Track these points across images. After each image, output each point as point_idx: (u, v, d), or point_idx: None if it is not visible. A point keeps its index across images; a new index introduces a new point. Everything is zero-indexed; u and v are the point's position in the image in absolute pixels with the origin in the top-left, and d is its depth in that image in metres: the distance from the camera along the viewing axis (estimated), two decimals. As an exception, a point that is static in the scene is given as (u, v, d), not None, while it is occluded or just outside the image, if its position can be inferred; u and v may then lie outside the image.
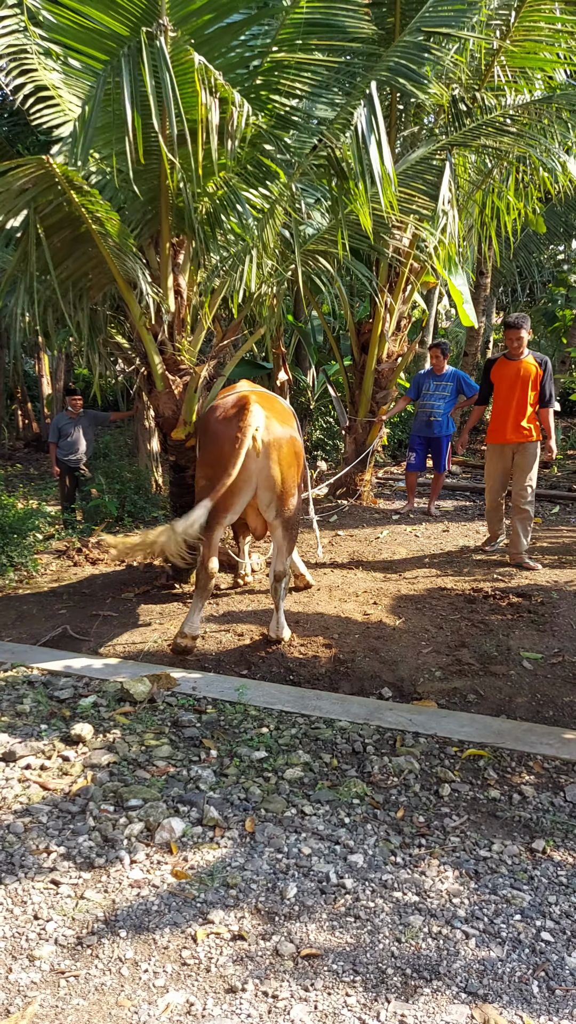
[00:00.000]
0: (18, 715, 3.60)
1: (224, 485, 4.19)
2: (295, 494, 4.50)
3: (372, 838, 2.68)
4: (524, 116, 5.72)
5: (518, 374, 5.83)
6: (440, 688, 4.10)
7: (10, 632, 4.99)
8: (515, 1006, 1.98)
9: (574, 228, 13.83)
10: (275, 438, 4.34)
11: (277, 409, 4.59)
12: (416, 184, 5.84)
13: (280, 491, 4.40)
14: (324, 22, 4.64)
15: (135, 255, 4.80)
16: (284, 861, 2.54)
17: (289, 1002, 1.98)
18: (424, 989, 2.03)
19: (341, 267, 6.48)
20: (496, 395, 5.99)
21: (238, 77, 4.71)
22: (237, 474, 4.19)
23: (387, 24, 6.31)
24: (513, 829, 2.77)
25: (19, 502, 7.77)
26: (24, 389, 17.56)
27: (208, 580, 4.50)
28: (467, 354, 13.56)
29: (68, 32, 4.32)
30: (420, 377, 8.07)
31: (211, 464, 4.38)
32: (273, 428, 4.35)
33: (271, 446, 4.32)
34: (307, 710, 3.67)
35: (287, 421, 4.57)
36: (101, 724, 3.51)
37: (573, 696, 3.95)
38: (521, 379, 5.82)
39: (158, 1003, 1.98)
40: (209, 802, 2.86)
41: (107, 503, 8.34)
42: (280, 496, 4.41)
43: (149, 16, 4.08)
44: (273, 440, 4.33)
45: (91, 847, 2.61)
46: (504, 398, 5.90)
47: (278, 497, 4.40)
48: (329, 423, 12.52)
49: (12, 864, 2.52)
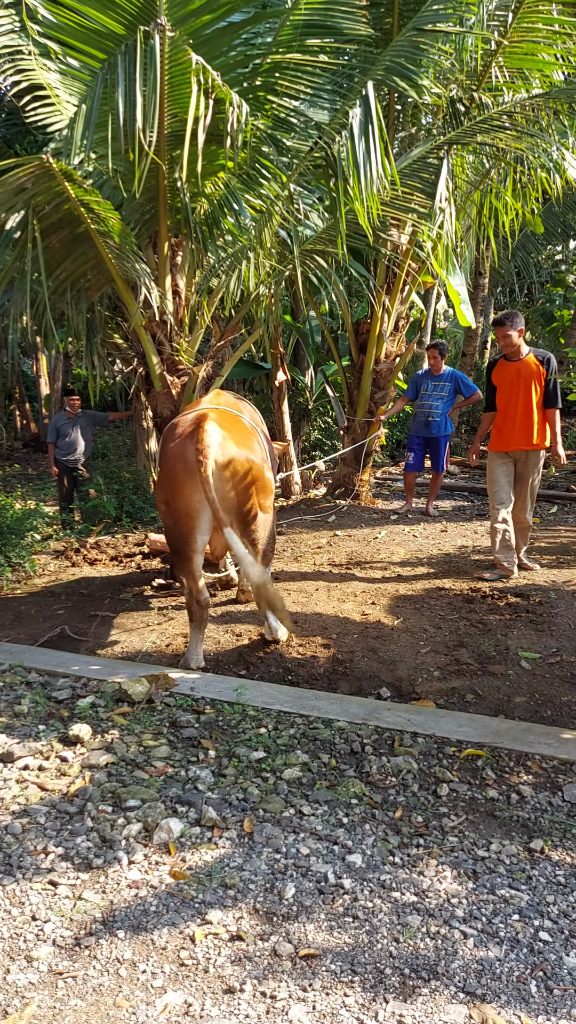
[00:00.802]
0: (16, 716, 3.59)
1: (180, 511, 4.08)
2: (258, 513, 4.28)
3: (370, 838, 2.68)
4: (521, 114, 5.72)
5: (518, 375, 5.48)
6: (438, 688, 4.10)
7: (8, 632, 4.99)
8: (513, 1006, 1.98)
9: (572, 228, 13.84)
10: (230, 458, 4.11)
11: (236, 428, 4.37)
12: (413, 183, 5.84)
13: (238, 512, 4.18)
14: (322, 23, 4.65)
15: (135, 255, 4.80)
16: (282, 861, 2.54)
17: (287, 1002, 1.98)
18: (422, 989, 2.02)
19: (339, 267, 6.48)
20: (499, 399, 5.64)
21: (236, 78, 4.72)
22: (191, 496, 4.05)
23: (385, 25, 6.32)
24: (511, 829, 2.77)
25: (17, 502, 7.77)
26: (22, 389, 17.55)
27: (202, 611, 4.31)
28: (465, 354, 13.56)
29: (67, 31, 4.33)
30: (418, 377, 8.08)
31: (164, 486, 4.23)
32: (228, 448, 4.13)
33: (225, 467, 4.10)
34: (305, 710, 3.66)
35: (245, 442, 4.32)
36: (99, 724, 3.50)
37: (571, 696, 3.95)
38: (523, 380, 5.47)
39: (156, 1004, 1.98)
40: (207, 802, 2.86)
41: (105, 503, 8.34)
42: (240, 517, 4.20)
43: (147, 15, 4.08)
44: (227, 460, 4.10)
45: (89, 848, 2.61)
46: (506, 401, 5.56)
47: (237, 519, 4.19)
48: (327, 423, 12.53)
49: (10, 865, 2.52)
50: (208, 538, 4.26)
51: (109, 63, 4.07)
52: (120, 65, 3.98)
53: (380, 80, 5.28)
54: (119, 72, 3.97)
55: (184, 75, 4.15)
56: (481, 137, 5.86)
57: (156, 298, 5.00)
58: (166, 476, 4.20)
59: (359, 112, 4.59)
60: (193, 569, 4.24)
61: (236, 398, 5.06)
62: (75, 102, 4.71)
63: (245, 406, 4.98)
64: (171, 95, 4.33)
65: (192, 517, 4.12)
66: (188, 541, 4.18)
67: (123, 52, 4.00)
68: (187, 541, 4.19)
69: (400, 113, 7.41)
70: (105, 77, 4.06)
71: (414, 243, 7.07)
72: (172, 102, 4.39)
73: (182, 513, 4.13)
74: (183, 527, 4.16)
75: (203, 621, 4.36)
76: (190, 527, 4.15)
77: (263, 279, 5.33)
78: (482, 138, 5.87)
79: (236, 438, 4.23)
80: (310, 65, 4.70)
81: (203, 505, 4.09)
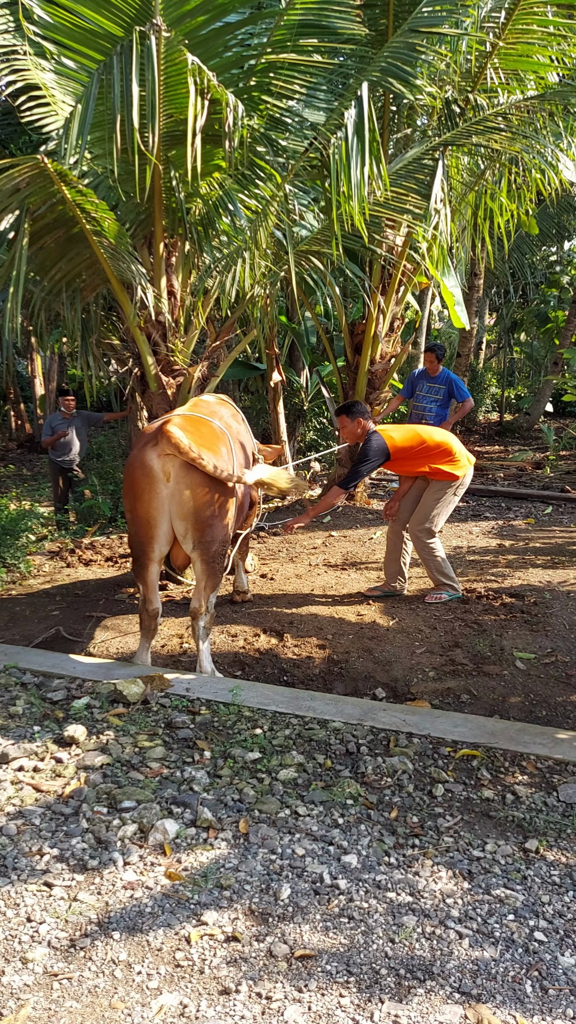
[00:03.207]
0: (11, 717, 3.58)
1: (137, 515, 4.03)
2: (215, 526, 4.11)
3: (366, 839, 2.68)
4: (516, 116, 5.74)
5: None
6: (434, 688, 4.11)
7: (3, 633, 4.97)
8: (509, 1006, 1.99)
9: (566, 230, 13.89)
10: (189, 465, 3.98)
11: (203, 434, 4.22)
12: (409, 184, 5.85)
13: (195, 521, 4.04)
14: (316, 23, 4.64)
15: (130, 255, 4.79)
16: (278, 862, 2.54)
17: (283, 1003, 1.98)
18: (418, 989, 2.03)
19: (335, 268, 6.48)
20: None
21: (232, 78, 4.72)
22: (151, 504, 3.99)
23: (380, 26, 6.32)
24: (507, 829, 2.77)
25: (12, 503, 7.75)
26: (17, 390, 17.50)
27: (151, 620, 4.27)
28: (460, 355, 13.59)
29: (62, 31, 4.32)
30: (414, 377, 8.10)
31: (126, 493, 4.17)
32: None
33: (183, 473, 3.97)
34: (301, 711, 3.66)
35: (211, 447, 4.17)
36: (94, 726, 3.50)
37: (566, 696, 3.97)
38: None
39: (151, 1005, 1.98)
40: (203, 803, 2.86)
41: (100, 504, 8.33)
42: (196, 527, 4.05)
43: (143, 16, 4.08)
44: (185, 466, 3.97)
45: (84, 849, 2.60)
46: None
47: (193, 528, 4.05)
48: (323, 424, 12.54)
49: (5, 866, 2.51)
50: (167, 549, 4.19)
51: (105, 63, 4.06)
52: (116, 65, 3.97)
53: (375, 81, 5.28)
54: (115, 72, 3.97)
55: (180, 75, 4.15)
56: (476, 138, 5.87)
57: (151, 299, 5.00)
58: (127, 482, 4.15)
59: (354, 113, 4.60)
60: (148, 577, 4.19)
61: (220, 402, 4.97)
62: (71, 102, 4.70)
63: (225, 411, 4.88)
64: (167, 95, 4.33)
65: (151, 525, 4.06)
66: (145, 549, 4.13)
67: (119, 52, 4.00)
68: (144, 549, 4.13)
69: (395, 114, 7.41)
70: (101, 77, 4.05)
71: (409, 244, 7.08)
72: (168, 102, 4.39)
73: (141, 521, 4.08)
74: (142, 535, 4.10)
75: (151, 630, 4.30)
76: (149, 535, 4.08)
77: (258, 280, 5.33)
78: (477, 139, 5.89)
79: (198, 442, 4.07)
80: (304, 65, 4.70)
81: (162, 514, 4.03)
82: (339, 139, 4.63)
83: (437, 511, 5.17)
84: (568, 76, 6.38)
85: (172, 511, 4.04)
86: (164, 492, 4.00)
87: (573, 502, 8.87)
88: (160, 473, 3.98)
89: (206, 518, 4.07)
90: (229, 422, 4.74)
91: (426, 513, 5.17)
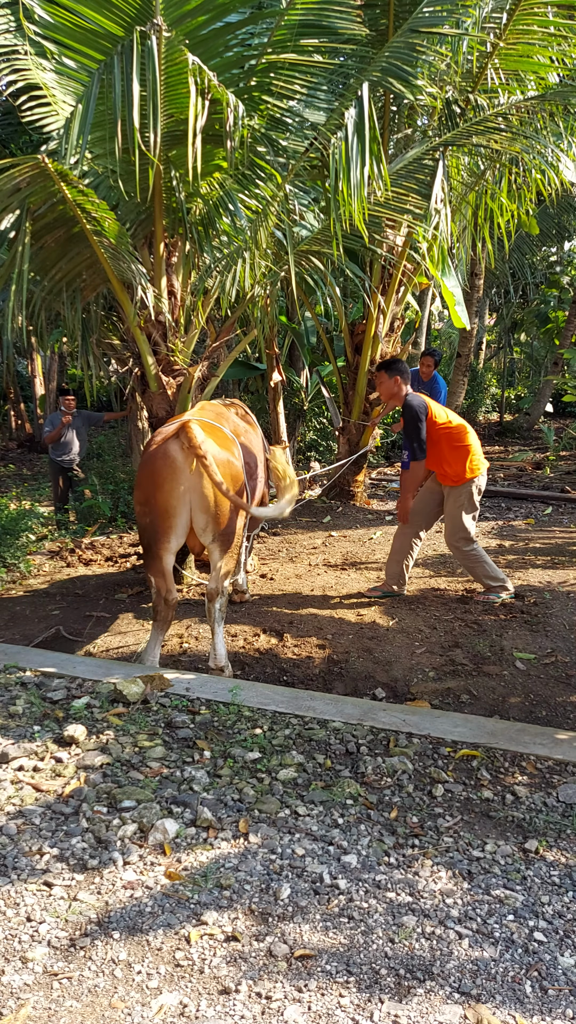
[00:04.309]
0: (11, 716, 3.58)
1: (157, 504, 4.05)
2: (235, 519, 4.26)
3: (366, 839, 2.69)
4: (517, 116, 5.74)
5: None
6: (434, 688, 4.11)
7: (3, 633, 4.97)
8: (508, 1006, 1.99)
9: (567, 230, 13.89)
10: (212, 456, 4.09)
11: (217, 435, 4.39)
12: (409, 184, 5.85)
13: (215, 513, 4.15)
14: (317, 23, 4.64)
15: (130, 255, 4.80)
16: (278, 862, 2.54)
17: (283, 1003, 1.98)
18: (417, 989, 2.03)
19: (335, 268, 6.48)
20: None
21: (232, 78, 4.72)
22: (172, 494, 4.03)
23: (380, 26, 6.33)
24: (506, 829, 2.77)
25: (12, 503, 7.75)
26: (17, 389, 17.49)
27: (168, 611, 4.28)
28: (460, 355, 13.57)
29: (63, 31, 4.32)
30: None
31: (143, 484, 4.19)
32: (209, 447, 4.11)
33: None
34: (301, 711, 3.67)
35: (226, 446, 4.35)
36: (94, 725, 3.50)
37: (566, 696, 3.97)
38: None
39: (151, 1005, 1.98)
40: (203, 803, 2.86)
41: (100, 504, 8.32)
42: (216, 519, 4.17)
43: (143, 16, 4.07)
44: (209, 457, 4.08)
45: (84, 849, 2.60)
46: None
47: (214, 520, 4.17)
48: (323, 424, 12.53)
49: (5, 866, 2.51)
50: (183, 541, 4.25)
51: (106, 63, 4.06)
52: (116, 65, 3.97)
53: (376, 81, 5.28)
54: (115, 72, 3.97)
55: (180, 75, 4.15)
56: (476, 139, 5.87)
57: (152, 298, 5.00)
58: (146, 474, 4.18)
59: (354, 113, 4.60)
60: (163, 567, 4.22)
61: (226, 405, 5.04)
62: (71, 102, 4.70)
63: (232, 414, 4.92)
64: (167, 95, 4.33)
65: (170, 515, 4.10)
66: (160, 540, 4.15)
67: (119, 52, 4.00)
68: (159, 540, 4.15)
69: (396, 114, 7.42)
70: (102, 77, 4.05)
71: (410, 244, 7.08)
72: (168, 102, 4.39)
73: (160, 511, 4.10)
74: (159, 525, 4.13)
75: (167, 622, 4.32)
76: (167, 525, 4.12)
77: (258, 279, 5.32)
78: (477, 140, 5.89)
79: (218, 441, 4.28)
80: (305, 65, 4.70)
81: (182, 505, 4.08)
82: (339, 139, 4.63)
83: (464, 517, 5.17)
84: (568, 76, 6.39)
85: (193, 503, 4.11)
86: (186, 484, 4.08)
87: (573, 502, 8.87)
88: (183, 465, 4.06)
89: (227, 511, 4.17)
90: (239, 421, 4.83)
91: (455, 524, 5.17)
